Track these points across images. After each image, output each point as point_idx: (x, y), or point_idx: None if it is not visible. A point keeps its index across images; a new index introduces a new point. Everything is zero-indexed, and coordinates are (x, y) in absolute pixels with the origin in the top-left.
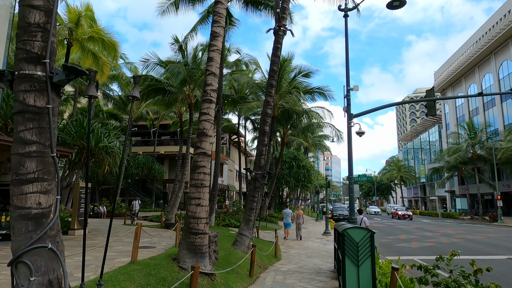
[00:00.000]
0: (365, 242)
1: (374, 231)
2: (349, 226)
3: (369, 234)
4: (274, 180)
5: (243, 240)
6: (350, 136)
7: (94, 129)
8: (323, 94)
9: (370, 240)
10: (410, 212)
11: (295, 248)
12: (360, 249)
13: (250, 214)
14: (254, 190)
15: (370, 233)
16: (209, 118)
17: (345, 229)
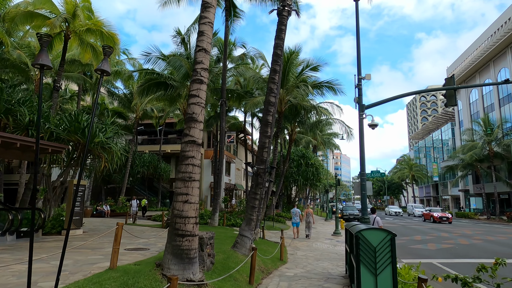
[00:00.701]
0: (384, 246)
1: (395, 234)
2: (364, 228)
3: (389, 237)
4: (282, 179)
5: (244, 241)
6: (362, 128)
7: (89, 123)
8: (332, 88)
9: (390, 244)
10: (448, 213)
11: (302, 249)
12: (378, 255)
13: (252, 213)
14: (256, 186)
15: (390, 235)
16: (199, 101)
17: (360, 230)
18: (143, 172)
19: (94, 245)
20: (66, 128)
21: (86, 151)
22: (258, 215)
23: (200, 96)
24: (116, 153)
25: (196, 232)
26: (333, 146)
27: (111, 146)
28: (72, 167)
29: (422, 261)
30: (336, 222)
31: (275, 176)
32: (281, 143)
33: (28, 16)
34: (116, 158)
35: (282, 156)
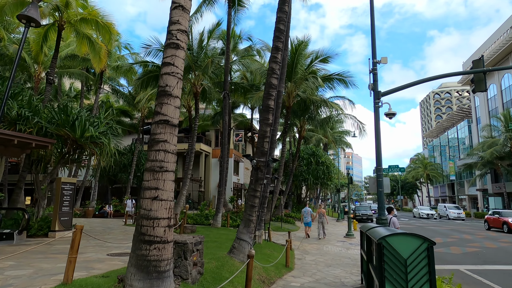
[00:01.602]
0: (419, 258)
1: (432, 241)
2: (389, 233)
3: (425, 245)
4: (291, 177)
5: (242, 246)
6: (377, 118)
7: (79, 116)
8: (343, 81)
9: (427, 256)
10: None
11: (312, 253)
12: (411, 270)
13: (251, 213)
14: (255, 182)
15: (426, 243)
16: (174, 71)
17: (384, 237)
18: None
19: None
20: (53, 121)
21: (75, 146)
22: (262, 214)
23: (175, 64)
24: (109, 149)
25: (169, 237)
26: (345, 144)
27: (103, 141)
28: (63, 165)
29: (448, 267)
30: (348, 223)
31: (284, 175)
32: (290, 140)
33: (18, 4)
34: (110, 154)
35: (291, 154)
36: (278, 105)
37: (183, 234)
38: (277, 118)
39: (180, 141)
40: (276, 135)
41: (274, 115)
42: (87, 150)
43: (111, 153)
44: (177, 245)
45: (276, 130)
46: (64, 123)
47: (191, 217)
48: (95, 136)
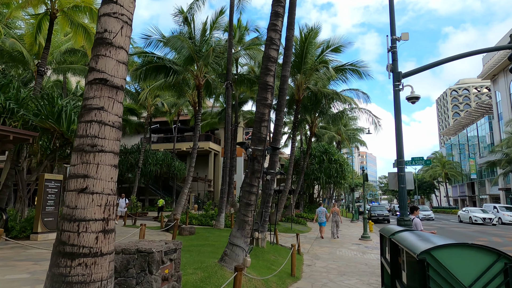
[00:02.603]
0: (492, 286)
1: (508, 255)
2: (434, 243)
3: (501, 264)
4: (302, 176)
5: (235, 253)
6: (398, 103)
7: (64, 107)
8: (357, 71)
9: (505, 283)
10: None
11: (323, 258)
12: None
13: (246, 212)
14: (251, 175)
15: (503, 261)
16: (117, 10)
17: (430, 249)
18: (156, 171)
19: (47, 255)
20: (37, 113)
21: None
22: (266, 215)
23: (119, 2)
24: None
25: (104, 247)
26: (359, 142)
27: None
28: (51, 161)
29: None
30: (364, 224)
31: (296, 173)
32: (301, 138)
33: None
34: None
35: (302, 151)
36: (283, 91)
37: (165, 240)
38: (282, 106)
39: (189, 139)
40: (281, 125)
41: (273, 94)
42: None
43: None
44: (139, 254)
45: (282, 120)
46: (48, 115)
47: (196, 218)
48: None
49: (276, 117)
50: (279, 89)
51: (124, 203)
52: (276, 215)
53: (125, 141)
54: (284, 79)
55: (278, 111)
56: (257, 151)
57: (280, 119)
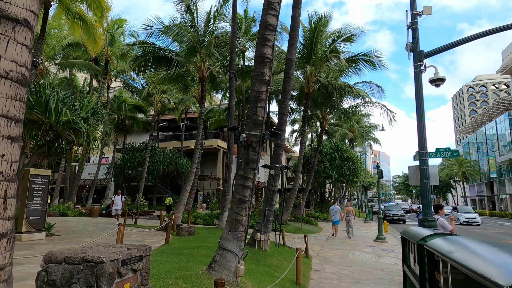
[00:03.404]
0: None
1: None
2: None
3: None
4: (312, 174)
5: (226, 259)
6: (419, 86)
7: (52, 97)
8: (370, 62)
9: None
10: None
11: (334, 262)
12: None
13: (239, 210)
14: (246, 166)
15: None
16: None
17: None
18: (163, 169)
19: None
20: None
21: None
22: (270, 214)
23: None
24: (93, 137)
25: None
26: (372, 139)
27: (81, 127)
28: (41, 155)
29: None
30: (379, 224)
31: (306, 171)
32: (312, 135)
33: None
34: (92, 144)
35: (313, 149)
36: (289, 77)
37: (129, 246)
38: (288, 93)
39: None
40: (286, 114)
41: (271, 69)
42: (64, 137)
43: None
44: (86, 265)
45: (287, 108)
46: (35, 104)
47: (201, 217)
48: (72, 120)
49: (281, 104)
50: (285, 74)
51: (120, 201)
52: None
53: (133, 139)
54: (290, 63)
55: (283, 98)
56: (252, 136)
57: (285, 107)
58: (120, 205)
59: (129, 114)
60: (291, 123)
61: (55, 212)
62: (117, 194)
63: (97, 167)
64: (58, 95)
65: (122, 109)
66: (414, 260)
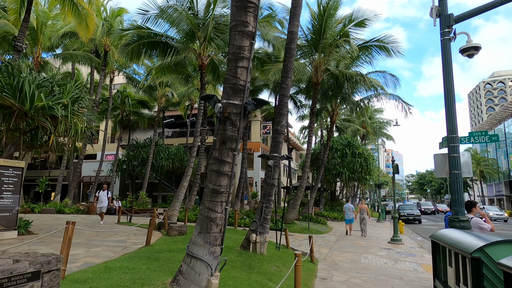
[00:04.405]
0: None
1: None
2: None
3: None
4: (322, 170)
5: (195, 270)
6: (447, 56)
7: (25, 80)
8: (384, 48)
9: None
10: None
11: (343, 268)
12: None
13: (213, 205)
14: (222, 146)
15: None
16: None
17: None
18: (168, 166)
19: None
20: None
21: None
22: (267, 211)
23: None
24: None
25: None
26: (385, 136)
27: (59, 114)
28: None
29: None
30: (394, 224)
31: (314, 168)
32: (321, 132)
33: None
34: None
35: (322, 145)
36: (291, 52)
37: (23, 253)
38: (289, 71)
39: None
40: (287, 95)
41: (257, 16)
42: (39, 124)
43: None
44: None
45: (288, 89)
46: (5, 87)
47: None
48: (48, 106)
49: (282, 84)
50: (285, 49)
51: (106, 197)
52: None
53: (138, 136)
54: (292, 37)
55: (284, 77)
56: (230, 106)
57: (286, 88)
58: (105, 201)
59: (133, 109)
60: (301, 119)
61: (51, 209)
62: (102, 189)
63: (99, 163)
64: (34, 78)
65: (126, 104)
66: (459, 277)
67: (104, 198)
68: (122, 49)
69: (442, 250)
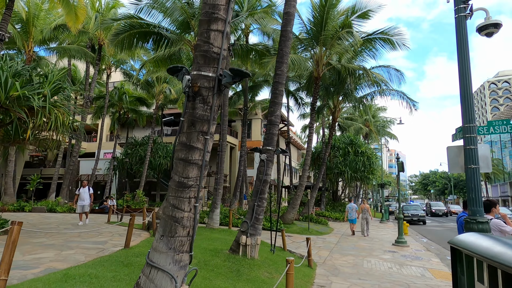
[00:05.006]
0: None
1: None
2: None
3: None
4: (322, 169)
5: (155, 283)
6: (462, 35)
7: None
8: (388, 41)
9: None
10: None
11: (344, 273)
12: None
13: (179, 202)
14: (190, 128)
15: None
16: None
17: None
18: (166, 164)
19: None
20: None
21: None
22: (260, 210)
23: None
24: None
25: None
26: (389, 135)
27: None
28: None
29: None
30: (399, 225)
31: (316, 167)
32: (323, 130)
33: None
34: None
35: (324, 143)
36: (286, 35)
37: None
38: (284, 56)
39: None
40: (283, 83)
41: None
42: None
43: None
44: None
45: (283, 75)
46: None
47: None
48: (22, 96)
49: (276, 71)
50: (281, 31)
51: (88, 194)
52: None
53: (137, 134)
54: (288, 18)
55: (279, 63)
56: (201, 79)
57: (281, 74)
58: (87, 199)
59: (131, 106)
60: (302, 117)
61: (42, 208)
62: (82, 185)
63: (95, 161)
64: (10, 66)
65: (124, 101)
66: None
67: (86, 195)
68: (112, 38)
69: (467, 260)
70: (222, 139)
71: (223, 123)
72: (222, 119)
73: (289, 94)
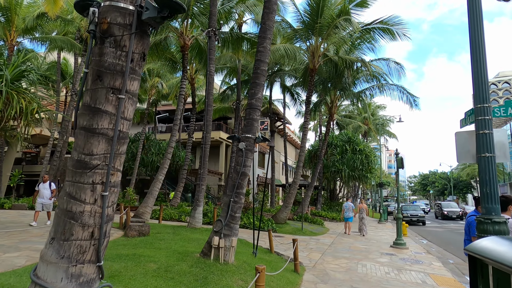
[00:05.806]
0: None
1: None
2: None
3: None
4: (319, 166)
5: None
6: (476, 4)
7: None
8: (388, 31)
9: None
10: None
11: (335, 279)
12: None
13: (78, 190)
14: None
15: None
16: None
17: None
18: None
19: None
20: None
21: None
22: (236, 207)
23: None
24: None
25: None
26: (388, 134)
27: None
28: None
29: None
30: (397, 226)
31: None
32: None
33: None
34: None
35: (321, 140)
36: (270, 7)
37: None
38: (267, 32)
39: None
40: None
41: None
42: None
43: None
44: None
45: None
46: None
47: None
48: None
49: (258, 47)
50: (264, 2)
51: (48, 191)
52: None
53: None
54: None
55: (261, 38)
56: (113, 12)
57: (264, 52)
58: (48, 196)
59: None
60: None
61: (23, 205)
62: (43, 180)
63: None
64: None
65: None
66: None
67: (46, 191)
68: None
69: (495, 273)
70: (206, 131)
71: (207, 113)
72: (207, 109)
73: (285, 89)
